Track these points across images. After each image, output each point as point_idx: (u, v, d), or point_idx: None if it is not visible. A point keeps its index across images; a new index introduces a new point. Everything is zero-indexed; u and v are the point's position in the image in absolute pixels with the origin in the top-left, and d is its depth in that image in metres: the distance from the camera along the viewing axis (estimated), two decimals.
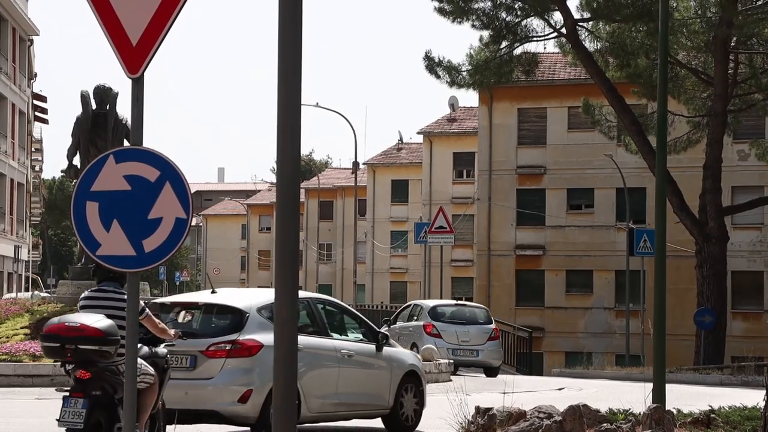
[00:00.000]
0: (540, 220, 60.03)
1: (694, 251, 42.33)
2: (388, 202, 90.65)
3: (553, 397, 23.03)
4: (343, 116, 70.84)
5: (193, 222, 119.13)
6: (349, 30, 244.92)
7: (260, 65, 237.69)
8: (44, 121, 79.08)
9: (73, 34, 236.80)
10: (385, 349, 17.07)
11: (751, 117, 49.54)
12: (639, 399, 14.56)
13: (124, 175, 8.20)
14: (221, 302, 15.43)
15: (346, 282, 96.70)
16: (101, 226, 8.24)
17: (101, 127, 27.91)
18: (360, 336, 17.03)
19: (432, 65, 42.22)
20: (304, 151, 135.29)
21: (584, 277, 59.28)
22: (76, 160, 28.24)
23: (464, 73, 42.17)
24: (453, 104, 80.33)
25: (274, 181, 11.56)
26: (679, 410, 13.82)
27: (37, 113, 76.16)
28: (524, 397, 18.79)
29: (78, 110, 28.34)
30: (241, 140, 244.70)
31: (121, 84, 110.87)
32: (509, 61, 42.43)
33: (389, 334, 18.00)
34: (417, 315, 34.03)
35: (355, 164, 66.20)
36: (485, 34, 42.07)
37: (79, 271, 28.59)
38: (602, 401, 20.23)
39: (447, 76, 42.25)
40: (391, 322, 34.11)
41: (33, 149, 76.64)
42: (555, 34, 41.99)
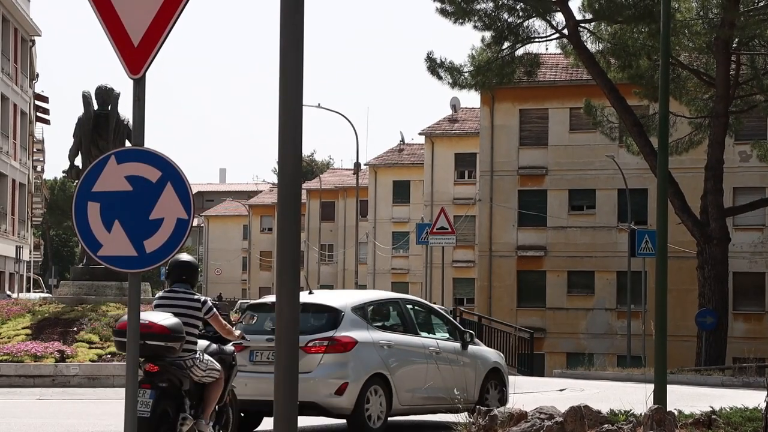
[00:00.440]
0: (541, 221, 60.05)
1: (695, 252, 42.32)
2: (389, 202, 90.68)
3: (554, 398, 23.04)
4: (344, 117, 70.97)
5: (195, 222, 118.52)
6: (351, 31, 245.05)
7: (262, 66, 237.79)
8: (46, 122, 79.13)
9: (75, 35, 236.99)
10: (471, 347, 18.12)
11: (752, 118, 49.53)
12: (640, 400, 14.57)
13: (125, 176, 8.20)
14: (318, 302, 16.51)
15: (347, 283, 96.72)
16: (102, 226, 8.25)
17: (103, 127, 27.95)
18: (446, 335, 18.03)
19: (434, 66, 42.21)
20: (305, 151, 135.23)
21: (585, 278, 59.29)
22: (78, 161, 28.28)
23: (466, 74, 42.16)
24: (455, 105, 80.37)
25: (276, 181, 11.61)
26: (680, 411, 13.82)
27: (38, 114, 76.20)
28: (525, 398, 18.80)
29: (80, 111, 28.39)
30: (242, 141, 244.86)
31: (122, 84, 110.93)
32: (511, 62, 42.42)
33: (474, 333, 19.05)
34: None
35: (357, 165, 66.24)
36: (487, 35, 42.09)
37: (80, 271, 28.58)
38: (603, 402, 20.22)
39: (449, 77, 42.25)
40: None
41: (35, 150, 76.67)
42: (557, 35, 41.99)
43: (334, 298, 16.95)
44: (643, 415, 12.60)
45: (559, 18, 41.45)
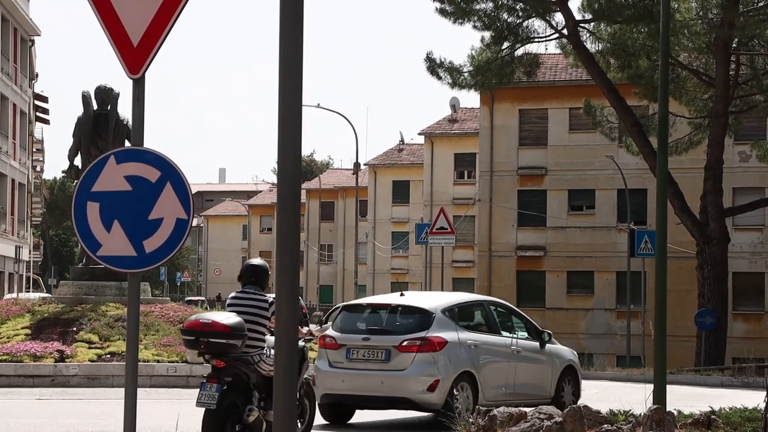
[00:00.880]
0: (541, 221, 60.06)
1: (695, 252, 42.32)
2: (389, 202, 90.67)
3: None
4: (344, 117, 70.93)
5: (194, 222, 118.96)
6: (351, 31, 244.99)
7: (261, 66, 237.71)
8: (45, 122, 79.10)
9: (75, 35, 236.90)
10: (548, 345, 19.38)
11: (752, 118, 49.54)
12: (640, 400, 14.57)
13: (124, 176, 8.20)
14: (410, 304, 17.69)
15: (347, 283, 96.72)
16: (102, 226, 8.24)
17: (102, 127, 27.95)
18: (525, 334, 19.22)
19: (433, 66, 42.20)
20: (305, 151, 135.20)
21: (585, 278, 59.30)
22: (77, 161, 28.28)
23: (465, 74, 42.16)
24: (454, 105, 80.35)
25: (275, 181, 11.65)
26: (679, 411, 13.82)
27: (38, 113, 76.18)
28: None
29: (79, 111, 28.39)
30: (242, 141, 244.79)
31: (122, 84, 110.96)
32: (510, 62, 42.41)
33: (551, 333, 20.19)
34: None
35: (357, 165, 66.23)
36: (487, 35, 42.08)
37: (80, 271, 28.58)
38: (603, 402, 20.24)
39: (448, 77, 42.25)
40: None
41: (34, 149, 76.64)
42: (556, 35, 41.99)
43: (425, 300, 18.06)
44: (642, 415, 12.60)
45: (558, 18, 41.47)
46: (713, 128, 41.20)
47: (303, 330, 13.63)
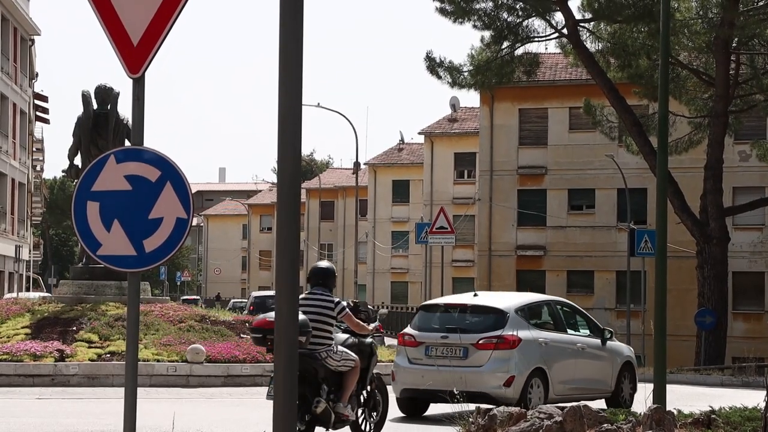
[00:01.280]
0: (541, 221, 60.04)
1: (695, 252, 42.32)
2: (389, 202, 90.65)
3: None
4: (344, 116, 70.89)
5: (194, 222, 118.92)
6: (351, 30, 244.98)
7: (261, 65, 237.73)
8: (45, 121, 79.10)
9: (74, 34, 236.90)
10: (608, 342, 20.38)
11: (752, 118, 49.53)
12: (639, 399, 14.58)
13: (124, 175, 8.20)
14: (485, 304, 18.77)
15: (347, 282, 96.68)
16: (102, 226, 8.24)
17: (102, 127, 27.94)
18: (587, 332, 20.24)
19: (433, 66, 42.20)
20: (305, 151, 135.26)
21: (585, 278, 59.28)
22: (77, 160, 28.27)
23: (465, 74, 42.16)
24: (454, 104, 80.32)
25: (275, 181, 11.69)
26: (679, 411, 13.82)
27: (38, 113, 76.17)
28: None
29: (79, 110, 28.38)
30: (242, 140, 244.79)
31: (122, 84, 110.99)
32: (510, 61, 42.41)
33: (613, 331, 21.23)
34: None
35: (357, 164, 66.22)
36: (486, 34, 42.08)
37: (80, 270, 28.57)
38: (603, 402, 20.27)
39: (448, 76, 42.25)
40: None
41: (34, 149, 76.62)
42: (556, 34, 41.99)
43: (498, 300, 19.20)
44: (642, 414, 12.60)
45: (558, 17, 41.47)
46: (713, 128, 41.19)
47: (369, 326, 14.50)
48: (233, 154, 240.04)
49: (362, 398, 14.47)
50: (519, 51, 42.72)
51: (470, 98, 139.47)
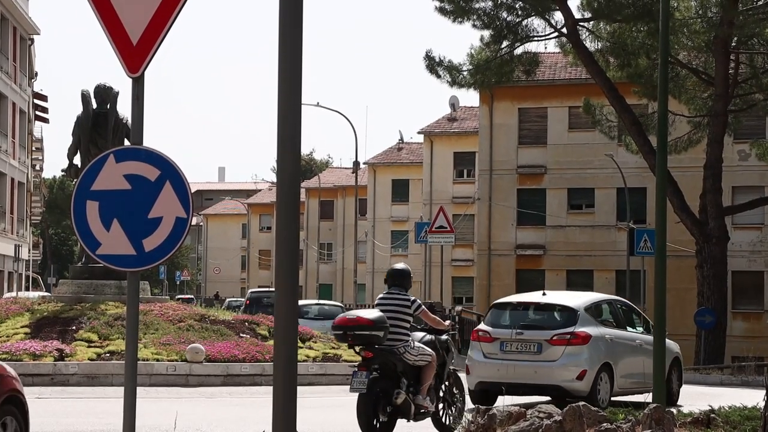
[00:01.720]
0: (540, 220, 60.04)
1: (694, 251, 42.33)
2: (388, 201, 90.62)
3: None
4: (343, 116, 70.92)
5: (194, 221, 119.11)
6: (350, 29, 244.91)
7: (261, 64, 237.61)
8: (45, 121, 79.07)
9: (74, 34, 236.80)
10: None
11: (751, 117, 49.53)
12: (639, 398, 14.58)
13: (124, 175, 8.19)
14: (556, 302, 19.98)
15: (346, 281, 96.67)
16: (101, 225, 8.23)
17: (102, 126, 27.93)
18: (642, 328, 21.34)
19: (433, 65, 42.21)
20: (304, 150, 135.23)
21: (585, 277, 59.25)
22: (77, 160, 28.25)
23: (465, 73, 42.17)
24: (454, 104, 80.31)
25: (275, 180, 11.69)
26: (679, 410, 13.83)
27: (37, 112, 76.15)
28: (524, 397, 18.91)
29: (78, 109, 28.36)
30: (241, 139, 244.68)
31: (121, 83, 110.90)
32: (510, 60, 42.43)
33: None
34: None
35: (356, 164, 66.22)
36: (486, 33, 42.10)
37: (79, 270, 28.56)
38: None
39: (448, 75, 42.26)
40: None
41: (33, 148, 76.61)
42: (556, 33, 42.00)
43: (568, 299, 20.33)
44: (641, 413, 12.60)
45: (558, 17, 41.49)
46: (713, 127, 41.20)
47: (446, 323, 15.38)
48: (233, 153, 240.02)
49: (441, 392, 15.16)
50: (518, 50, 42.75)
51: (470, 97, 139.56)
